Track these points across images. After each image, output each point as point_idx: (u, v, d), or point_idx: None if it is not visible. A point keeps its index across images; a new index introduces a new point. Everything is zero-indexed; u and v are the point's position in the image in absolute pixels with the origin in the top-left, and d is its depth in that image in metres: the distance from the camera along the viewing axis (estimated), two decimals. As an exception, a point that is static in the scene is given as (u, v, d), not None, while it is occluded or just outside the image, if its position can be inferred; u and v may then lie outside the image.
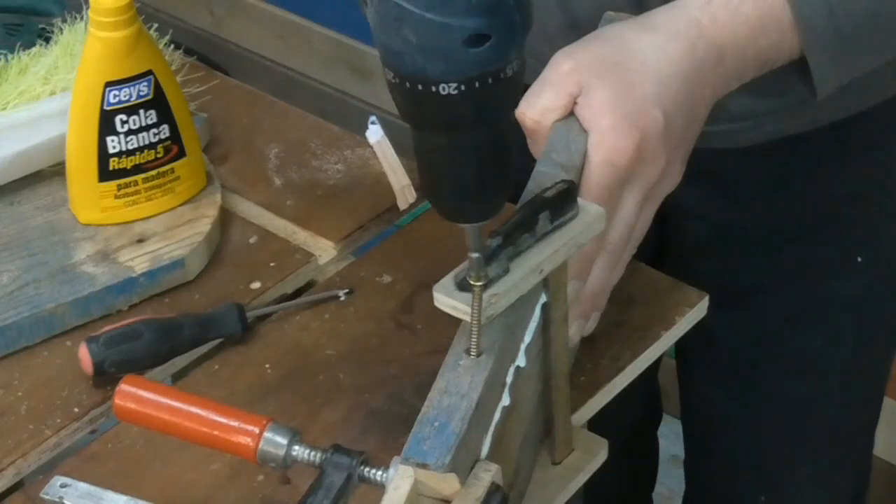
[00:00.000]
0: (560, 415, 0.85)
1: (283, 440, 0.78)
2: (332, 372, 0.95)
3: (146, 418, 0.78)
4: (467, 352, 0.73)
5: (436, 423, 0.70)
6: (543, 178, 0.82)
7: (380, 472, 0.75)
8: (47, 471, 0.89)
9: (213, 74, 1.26)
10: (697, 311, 0.99)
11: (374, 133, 1.10)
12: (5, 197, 1.10)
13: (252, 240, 1.09)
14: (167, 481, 0.88)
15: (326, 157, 1.17)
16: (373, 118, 1.10)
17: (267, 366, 0.96)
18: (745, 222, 1.14)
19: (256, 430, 0.77)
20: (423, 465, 0.68)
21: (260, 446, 0.78)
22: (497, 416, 0.74)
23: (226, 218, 1.10)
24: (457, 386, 0.71)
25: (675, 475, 1.88)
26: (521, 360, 0.77)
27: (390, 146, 1.11)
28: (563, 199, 0.77)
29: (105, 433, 0.92)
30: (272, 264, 1.06)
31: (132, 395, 0.78)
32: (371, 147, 1.12)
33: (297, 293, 1.04)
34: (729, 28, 0.86)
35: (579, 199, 0.79)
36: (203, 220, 1.07)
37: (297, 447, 0.78)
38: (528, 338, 0.78)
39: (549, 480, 0.86)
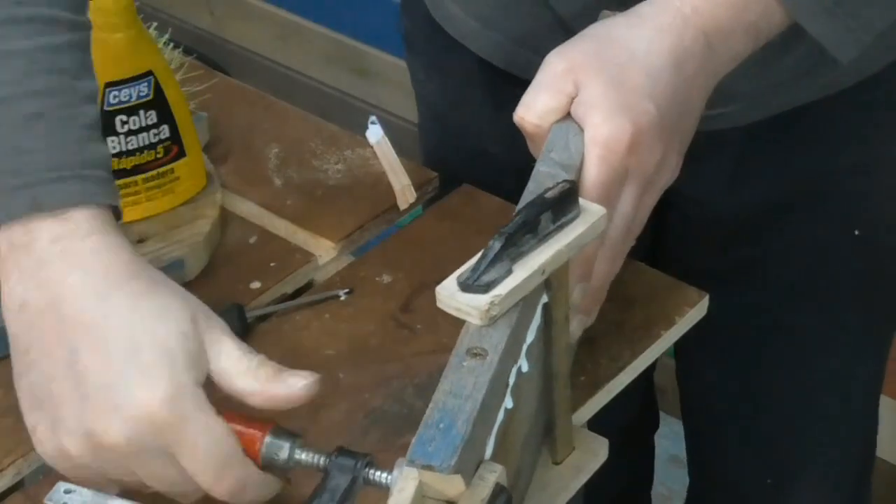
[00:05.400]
0: (561, 415, 0.85)
1: (285, 444, 0.78)
2: (332, 372, 0.95)
3: None
4: (470, 353, 0.73)
5: (441, 425, 0.70)
6: (544, 177, 0.82)
7: (384, 475, 0.75)
8: (47, 470, 0.89)
9: (213, 73, 1.26)
10: (698, 310, 1.00)
11: (374, 133, 1.10)
12: (5, 197, 1.10)
13: (252, 240, 1.09)
14: (167, 481, 0.87)
15: (326, 157, 1.17)
16: (373, 118, 1.10)
17: (267, 366, 0.96)
18: (742, 201, 1.14)
19: (259, 434, 0.78)
20: (429, 467, 0.68)
21: (263, 450, 0.78)
22: (500, 416, 0.74)
23: (226, 218, 1.10)
24: (461, 387, 0.71)
25: (675, 475, 1.89)
26: (522, 361, 0.77)
27: (390, 146, 1.11)
28: (565, 200, 0.77)
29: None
30: (272, 264, 1.06)
31: None
32: (371, 147, 1.12)
33: (297, 293, 1.04)
34: (709, 13, 0.86)
35: (580, 199, 0.79)
36: (203, 221, 1.07)
37: (299, 450, 0.78)
38: (529, 338, 0.78)
39: (550, 480, 0.86)
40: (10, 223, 0.78)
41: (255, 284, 1.04)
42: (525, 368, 0.77)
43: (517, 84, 0.99)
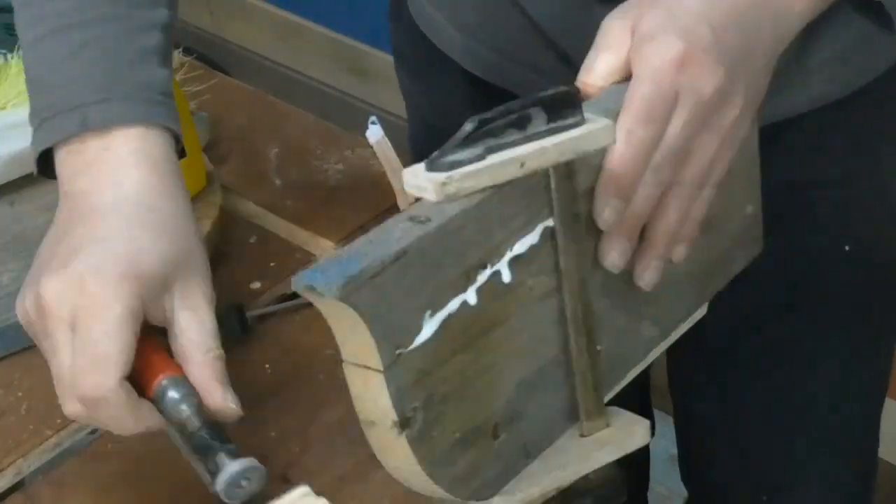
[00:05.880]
0: (581, 379, 0.80)
1: (177, 394, 0.77)
2: (332, 372, 0.95)
3: None
4: (412, 219, 0.68)
5: (343, 259, 0.65)
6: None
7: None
8: (47, 471, 0.89)
9: (213, 73, 1.26)
10: (698, 310, 0.99)
11: (374, 133, 1.10)
12: (5, 197, 1.10)
13: (252, 240, 1.09)
14: (169, 481, 0.88)
15: (326, 157, 1.17)
16: (373, 118, 1.10)
17: (267, 366, 0.96)
18: None
19: (165, 370, 0.78)
20: (311, 288, 0.64)
21: (154, 390, 0.77)
22: (454, 306, 0.69)
23: (226, 218, 1.10)
24: (385, 238, 0.67)
25: (674, 475, 1.88)
26: (502, 267, 0.72)
27: (390, 146, 1.11)
28: (562, 101, 0.72)
29: (105, 433, 0.91)
30: (272, 264, 1.06)
31: None
32: (371, 147, 1.12)
33: (297, 293, 1.04)
34: None
35: (590, 115, 0.73)
36: (203, 221, 1.07)
37: (184, 406, 0.77)
38: (518, 249, 0.73)
39: (571, 447, 0.80)
40: (65, 144, 0.84)
41: (255, 284, 1.04)
42: (507, 278, 0.72)
43: (505, 94, 0.98)
